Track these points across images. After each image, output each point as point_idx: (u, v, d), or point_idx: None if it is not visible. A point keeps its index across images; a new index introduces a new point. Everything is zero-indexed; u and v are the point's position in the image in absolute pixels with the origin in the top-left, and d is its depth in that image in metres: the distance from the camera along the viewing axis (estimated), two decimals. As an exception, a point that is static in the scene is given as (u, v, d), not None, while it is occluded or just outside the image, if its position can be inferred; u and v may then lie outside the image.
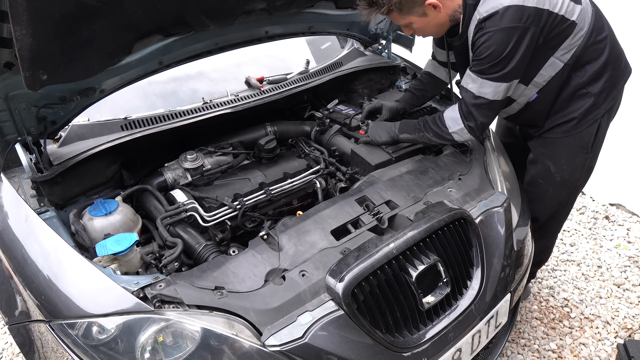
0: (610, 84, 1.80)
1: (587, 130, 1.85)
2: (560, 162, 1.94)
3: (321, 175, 1.99)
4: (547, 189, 2.03)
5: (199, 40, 1.89)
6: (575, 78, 1.77)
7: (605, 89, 1.79)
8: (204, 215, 1.71)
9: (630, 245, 3.02)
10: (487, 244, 1.66)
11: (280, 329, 1.27)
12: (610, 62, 1.77)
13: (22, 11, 1.18)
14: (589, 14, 1.71)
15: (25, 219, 1.49)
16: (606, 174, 3.36)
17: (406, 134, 1.97)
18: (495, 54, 1.58)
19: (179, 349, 1.24)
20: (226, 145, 2.10)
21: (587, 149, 1.90)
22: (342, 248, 1.50)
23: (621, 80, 1.87)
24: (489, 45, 1.58)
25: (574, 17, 1.64)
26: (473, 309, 1.56)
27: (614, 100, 1.86)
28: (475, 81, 1.68)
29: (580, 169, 1.95)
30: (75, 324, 1.26)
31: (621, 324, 2.48)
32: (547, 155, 1.97)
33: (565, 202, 2.08)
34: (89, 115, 1.83)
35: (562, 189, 2.00)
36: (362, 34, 2.58)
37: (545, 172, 2.00)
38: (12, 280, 1.42)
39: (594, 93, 1.78)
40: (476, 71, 1.67)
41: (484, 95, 1.69)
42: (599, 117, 1.84)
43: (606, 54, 1.76)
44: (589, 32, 1.71)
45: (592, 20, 1.71)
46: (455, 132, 1.82)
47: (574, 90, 1.79)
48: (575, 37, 1.68)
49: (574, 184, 1.99)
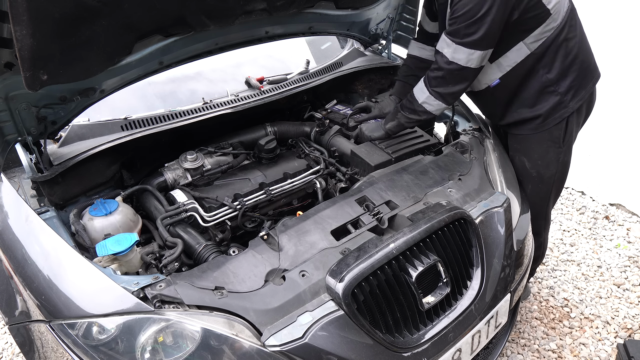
0: (577, 83, 1.82)
1: (556, 127, 1.88)
2: (534, 157, 1.97)
3: (321, 176, 1.99)
4: (526, 185, 2.05)
5: (199, 40, 1.89)
6: (542, 74, 1.79)
7: (572, 87, 1.81)
8: (204, 215, 1.71)
9: (630, 245, 3.02)
10: (487, 244, 1.66)
11: (280, 329, 1.27)
12: (577, 62, 1.79)
13: (23, 11, 1.18)
14: (565, 8, 1.73)
15: (26, 219, 1.49)
16: (606, 174, 3.36)
17: (390, 122, 1.99)
18: (470, 12, 1.59)
19: (179, 349, 1.24)
20: (226, 145, 2.10)
21: (559, 143, 1.92)
22: (342, 248, 1.50)
23: (589, 82, 1.88)
24: (466, 2, 1.59)
25: (550, 5, 1.66)
26: (473, 309, 1.56)
27: (583, 101, 1.87)
28: (450, 46, 1.69)
29: (555, 163, 1.97)
30: (76, 324, 1.26)
31: (621, 324, 2.48)
32: (521, 151, 2.00)
33: (546, 198, 2.09)
34: (89, 116, 1.83)
35: (540, 184, 2.02)
36: (362, 34, 2.58)
37: (522, 169, 2.03)
38: (12, 280, 1.42)
39: (561, 92, 1.81)
40: (451, 32, 1.67)
41: (457, 61, 1.69)
42: (566, 116, 1.86)
43: (574, 53, 1.78)
44: (562, 26, 1.73)
45: (566, 16, 1.73)
46: (424, 102, 1.83)
47: (541, 87, 1.81)
48: (547, 26, 1.70)
49: (551, 178, 2.01)
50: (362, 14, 2.39)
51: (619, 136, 3.31)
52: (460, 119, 2.27)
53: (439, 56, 1.75)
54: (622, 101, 3.22)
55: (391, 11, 2.50)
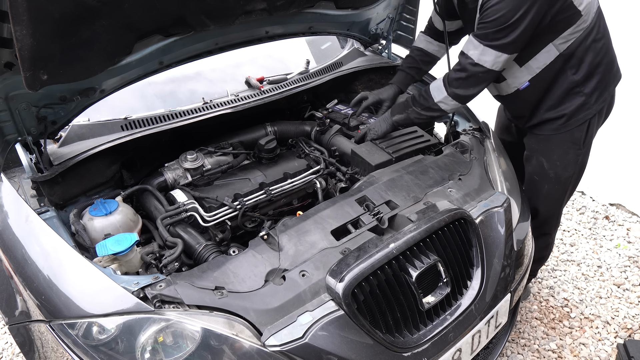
0: (602, 85, 1.81)
1: (578, 128, 1.87)
2: (553, 158, 1.96)
3: (321, 176, 1.99)
4: (542, 185, 2.04)
5: (199, 40, 1.88)
6: (569, 75, 1.78)
7: (597, 89, 1.81)
8: (204, 215, 1.71)
9: (630, 245, 3.02)
10: (487, 244, 1.66)
11: (280, 329, 1.27)
12: (603, 64, 1.79)
13: (23, 11, 1.18)
14: (594, 9, 1.72)
15: (26, 219, 1.49)
16: (606, 174, 3.36)
17: (398, 114, 1.98)
18: (503, 18, 1.57)
19: (179, 349, 1.24)
20: (226, 145, 2.10)
21: (580, 145, 1.91)
22: (342, 248, 1.50)
23: (612, 84, 1.88)
24: (499, 8, 1.57)
25: (581, 7, 1.65)
26: (473, 309, 1.56)
27: (605, 103, 1.87)
28: (477, 48, 1.67)
29: (573, 164, 1.96)
30: (76, 324, 1.26)
31: (621, 324, 2.48)
32: (540, 151, 1.99)
33: (561, 199, 2.09)
34: (89, 116, 1.83)
35: (556, 185, 2.01)
36: (362, 34, 2.58)
37: (539, 169, 2.02)
38: (13, 280, 1.42)
39: (586, 92, 1.80)
40: (479, 36, 1.66)
41: (483, 63, 1.68)
42: (589, 118, 1.85)
43: (601, 55, 1.77)
44: (590, 27, 1.71)
45: (595, 18, 1.72)
46: (441, 102, 1.82)
47: (568, 87, 1.80)
48: (577, 27, 1.68)
49: (568, 180, 2.00)
50: (362, 14, 2.39)
51: (619, 136, 3.31)
52: (460, 119, 2.27)
53: (463, 57, 1.74)
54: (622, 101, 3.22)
55: (391, 11, 2.50)
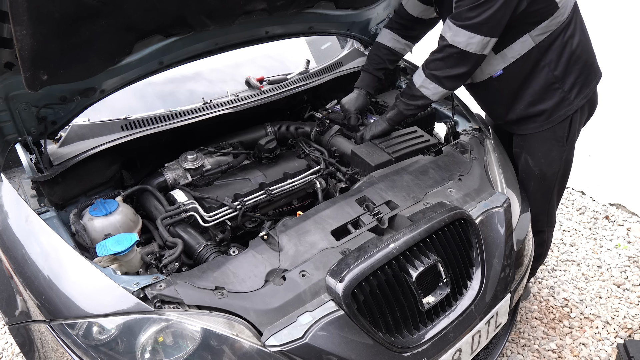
0: (580, 81, 1.83)
1: (560, 125, 1.89)
2: (537, 156, 1.98)
3: (321, 176, 1.99)
4: (529, 182, 2.06)
5: (199, 40, 1.88)
6: (548, 71, 1.79)
7: (576, 85, 1.83)
8: (204, 215, 1.71)
9: (630, 245, 3.02)
10: (487, 244, 1.66)
11: (280, 329, 1.27)
12: (582, 60, 1.81)
13: (23, 11, 1.18)
14: (571, 4, 1.74)
15: (26, 219, 1.49)
16: (606, 174, 3.36)
17: (390, 111, 1.99)
18: None
19: (179, 349, 1.24)
20: (226, 145, 2.10)
21: (563, 142, 1.93)
22: (342, 248, 1.50)
23: (592, 81, 1.90)
24: None
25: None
26: (473, 309, 1.56)
27: (586, 99, 1.88)
28: (452, 29, 1.70)
29: (558, 161, 1.98)
30: (76, 324, 1.26)
31: (621, 324, 2.48)
32: (525, 149, 2.02)
33: (548, 195, 2.10)
34: (89, 116, 1.83)
35: (542, 182, 2.03)
36: (362, 34, 2.58)
37: (525, 167, 2.04)
38: (13, 280, 1.42)
39: (565, 89, 1.82)
40: (454, 16, 1.68)
41: (456, 44, 1.69)
42: (570, 114, 1.87)
43: (579, 51, 1.79)
44: (567, 21, 1.74)
45: (572, 14, 1.75)
46: (421, 86, 1.83)
47: (547, 83, 1.82)
48: (554, 20, 1.70)
49: (553, 176, 2.02)
50: (362, 14, 2.39)
51: (619, 136, 3.31)
52: (460, 119, 2.27)
53: (440, 40, 1.76)
54: (622, 101, 3.22)
55: (391, 11, 2.50)
